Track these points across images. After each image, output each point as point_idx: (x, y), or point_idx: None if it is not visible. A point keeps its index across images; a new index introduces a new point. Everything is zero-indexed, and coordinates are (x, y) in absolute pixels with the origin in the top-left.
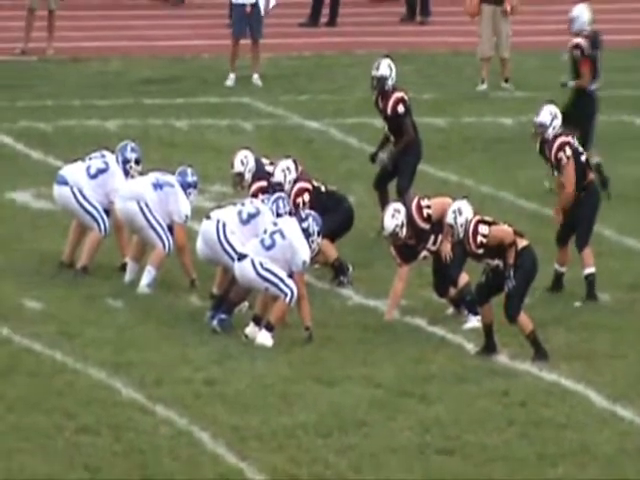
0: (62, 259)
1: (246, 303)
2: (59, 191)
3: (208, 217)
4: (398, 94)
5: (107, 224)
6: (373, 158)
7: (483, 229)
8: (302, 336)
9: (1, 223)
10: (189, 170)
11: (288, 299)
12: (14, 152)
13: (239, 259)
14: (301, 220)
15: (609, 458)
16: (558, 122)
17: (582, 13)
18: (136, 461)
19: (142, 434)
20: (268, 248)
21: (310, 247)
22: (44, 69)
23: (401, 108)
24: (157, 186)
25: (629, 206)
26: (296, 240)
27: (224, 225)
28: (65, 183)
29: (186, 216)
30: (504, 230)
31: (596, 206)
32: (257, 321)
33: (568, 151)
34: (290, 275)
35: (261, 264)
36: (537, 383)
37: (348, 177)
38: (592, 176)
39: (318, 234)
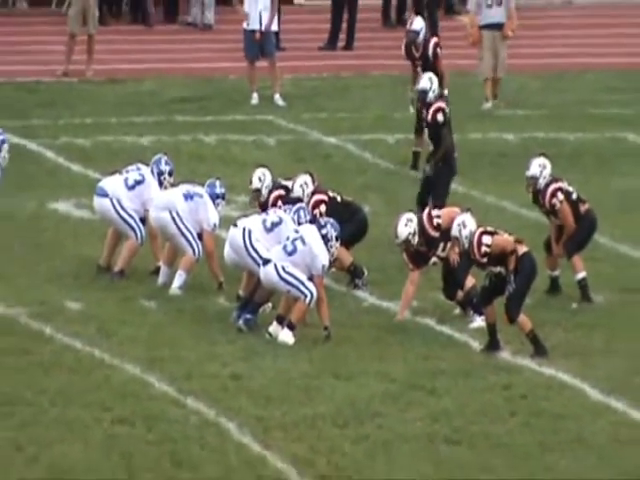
0: (99, 263)
1: (270, 304)
2: (99, 202)
3: (235, 225)
4: (439, 104)
5: (144, 232)
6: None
7: (486, 239)
8: (321, 335)
9: (44, 231)
10: (217, 182)
11: (308, 300)
12: (56, 166)
13: (264, 264)
14: (320, 227)
15: (603, 446)
16: (547, 171)
17: (422, 24)
18: (167, 449)
19: (173, 424)
20: (290, 254)
21: (329, 251)
22: (84, 89)
23: (440, 117)
24: (188, 197)
25: (622, 216)
26: (316, 246)
27: (250, 232)
28: (105, 195)
29: (214, 224)
30: (505, 239)
31: (589, 231)
32: (280, 320)
33: (560, 196)
34: (310, 278)
35: (284, 268)
36: (537, 377)
37: (363, 189)
38: (586, 206)
39: (336, 239)
